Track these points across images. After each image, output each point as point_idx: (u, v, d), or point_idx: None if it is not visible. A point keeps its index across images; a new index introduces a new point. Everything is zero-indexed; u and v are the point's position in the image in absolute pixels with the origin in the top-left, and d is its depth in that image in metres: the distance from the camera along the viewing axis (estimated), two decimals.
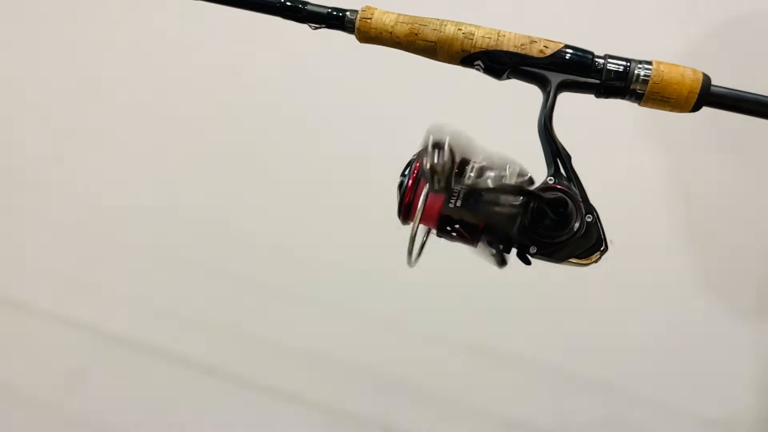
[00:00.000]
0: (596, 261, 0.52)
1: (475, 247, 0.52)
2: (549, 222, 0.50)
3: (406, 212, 0.52)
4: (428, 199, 0.50)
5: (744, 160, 1.21)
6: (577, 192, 0.52)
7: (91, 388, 1.40)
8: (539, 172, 0.52)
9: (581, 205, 0.51)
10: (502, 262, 0.52)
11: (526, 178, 0.49)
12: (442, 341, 1.33)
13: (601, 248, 0.52)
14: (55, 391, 1.40)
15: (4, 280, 1.44)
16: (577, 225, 0.50)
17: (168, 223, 1.40)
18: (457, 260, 0.53)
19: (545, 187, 0.52)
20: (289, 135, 1.33)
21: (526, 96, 0.57)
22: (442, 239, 0.54)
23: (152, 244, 1.41)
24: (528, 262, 0.52)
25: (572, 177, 0.52)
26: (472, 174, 0.49)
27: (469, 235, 0.51)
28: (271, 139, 1.34)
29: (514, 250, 0.52)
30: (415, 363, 1.34)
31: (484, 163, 0.49)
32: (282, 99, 1.32)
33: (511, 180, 0.48)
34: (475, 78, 0.57)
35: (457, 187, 0.50)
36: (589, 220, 0.51)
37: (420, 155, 0.46)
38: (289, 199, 1.36)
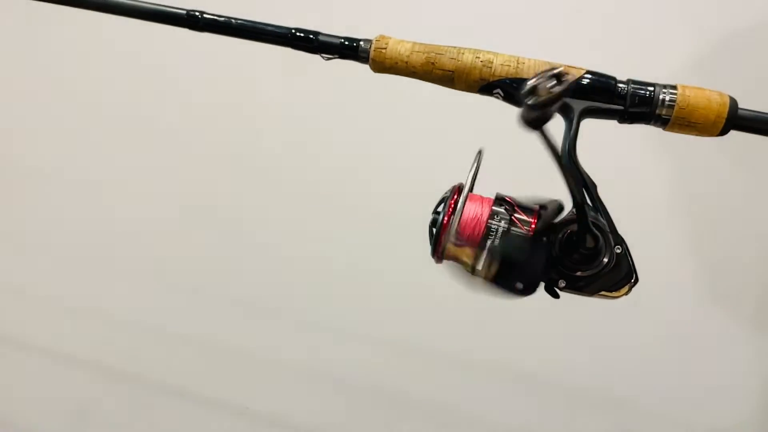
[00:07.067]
0: (626, 293, 0.51)
1: (512, 284, 0.50)
2: (578, 256, 0.48)
3: (441, 251, 0.49)
4: (465, 236, 0.48)
5: (746, 162, 1.19)
6: (605, 223, 0.50)
7: (94, 426, 1.38)
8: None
9: (610, 237, 0.49)
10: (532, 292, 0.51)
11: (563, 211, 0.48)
12: (442, 354, 1.32)
13: (632, 280, 0.50)
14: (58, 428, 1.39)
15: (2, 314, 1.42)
16: (606, 259, 0.49)
17: (170, 249, 1.38)
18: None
19: (572, 219, 0.50)
20: (298, 157, 1.32)
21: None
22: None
23: (152, 277, 1.38)
24: (556, 296, 0.51)
25: (599, 207, 0.51)
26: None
27: (508, 272, 0.49)
28: (284, 170, 1.32)
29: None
30: (416, 377, 1.33)
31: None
32: (293, 124, 1.31)
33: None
34: (493, 106, 0.55)
35: (494, 224, 0.49)
36: (619, 251, 0.50)
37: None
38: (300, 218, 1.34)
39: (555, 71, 0.41)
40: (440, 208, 0.50)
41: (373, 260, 1.30)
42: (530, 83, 0.41)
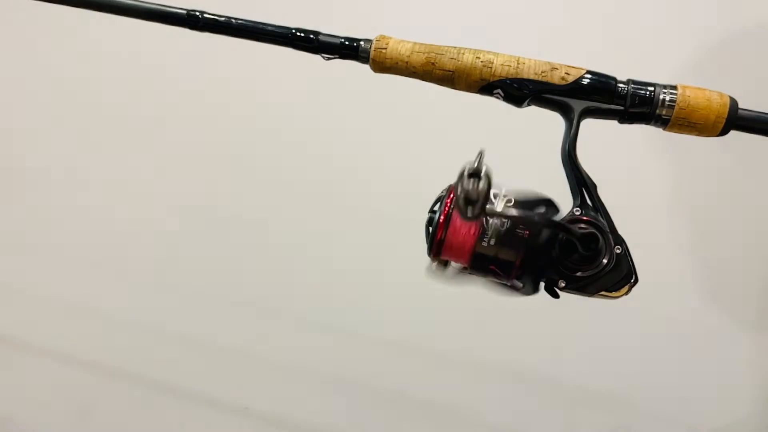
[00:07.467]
0: (626, 293, 0.51)
1: (508, 283, 0.50)
2: (578, 257, 0.48)
3: (437, 249, 0.49)
4: (460, 236, 0.48)
5: (746, 162, 1.19)
6: (605, 223, 0.50)
7: (94, 426, 1.38)
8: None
9: (610, 237, 0.49)
10: (533, 292, 0.51)
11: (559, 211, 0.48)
12: (442, 354, 1.32)
13: (631, 280, 0.50)
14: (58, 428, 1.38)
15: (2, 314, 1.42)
16: (606, 260, 0.49)
17: (171, 250, 1.38)
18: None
19: (572, 219, 0.50)
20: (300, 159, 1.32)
21: (545, 123, 0.56)
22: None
23: (152, 277, 1.38)
24: (556, 296, 0.51)
25: (599, 207, 0.51)
26: (502, 208, 0.47)
27: (503, 272, 0.49)
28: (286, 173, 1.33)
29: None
30: (416, 377, 1.33)
31: (513, 197, 0.48)
32: (297, 125, 1.30)
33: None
34: (494, 106, 0.55)
35: (489, 222, 0.48)
36: (619, 251, 0.49)
37: (454, 185, 0.44)
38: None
39: (466, 171, 0.42)
40: (436, 207, 0.50)
41: (373, 260, 1.30)
42: (460, 197, 0.42)
